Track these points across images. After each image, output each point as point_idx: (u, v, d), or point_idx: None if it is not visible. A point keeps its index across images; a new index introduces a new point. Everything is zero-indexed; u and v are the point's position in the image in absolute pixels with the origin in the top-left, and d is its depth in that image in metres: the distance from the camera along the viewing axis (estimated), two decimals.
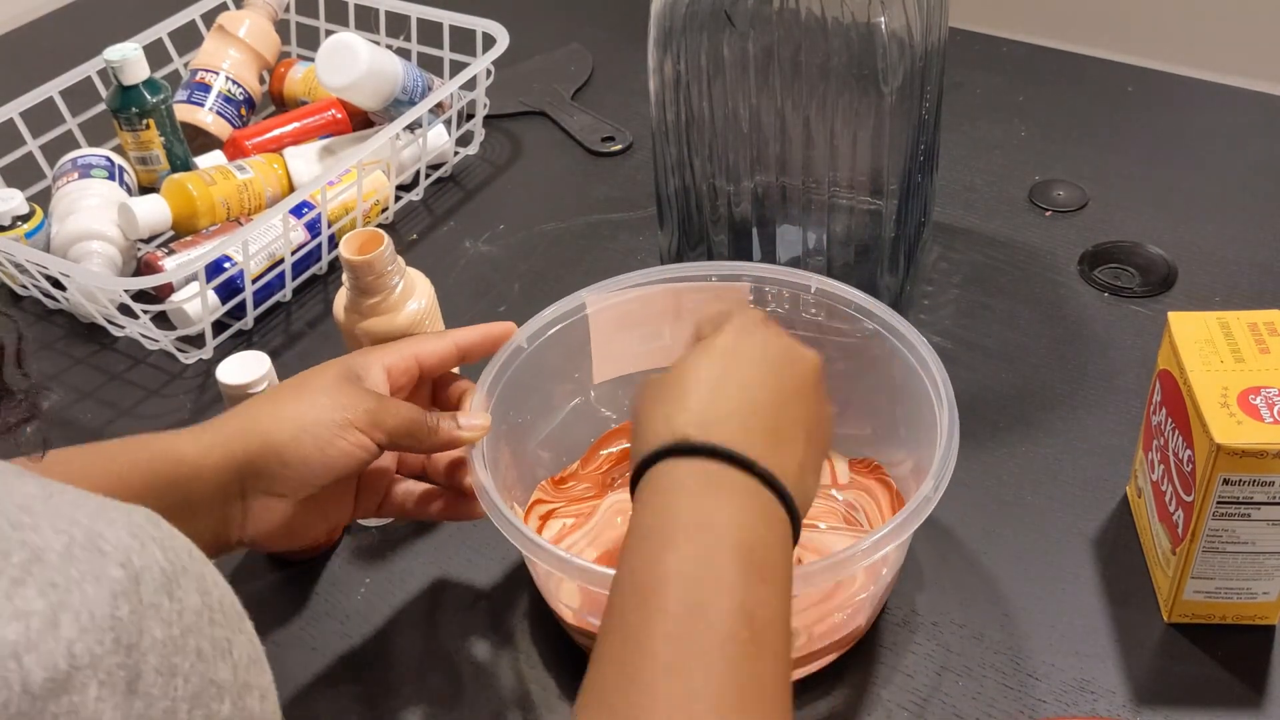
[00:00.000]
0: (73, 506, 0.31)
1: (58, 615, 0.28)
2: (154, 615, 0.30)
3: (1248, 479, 0.59)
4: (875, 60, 0.75)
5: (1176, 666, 0.65)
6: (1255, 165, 1.02)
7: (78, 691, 0.27)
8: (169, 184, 0.96)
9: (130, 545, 0.30)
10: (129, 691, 0.28)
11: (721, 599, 0.43)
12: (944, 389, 0.64)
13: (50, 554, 0.29)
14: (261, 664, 0.34)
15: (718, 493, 0.46)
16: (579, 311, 0.72)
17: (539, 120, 1.16)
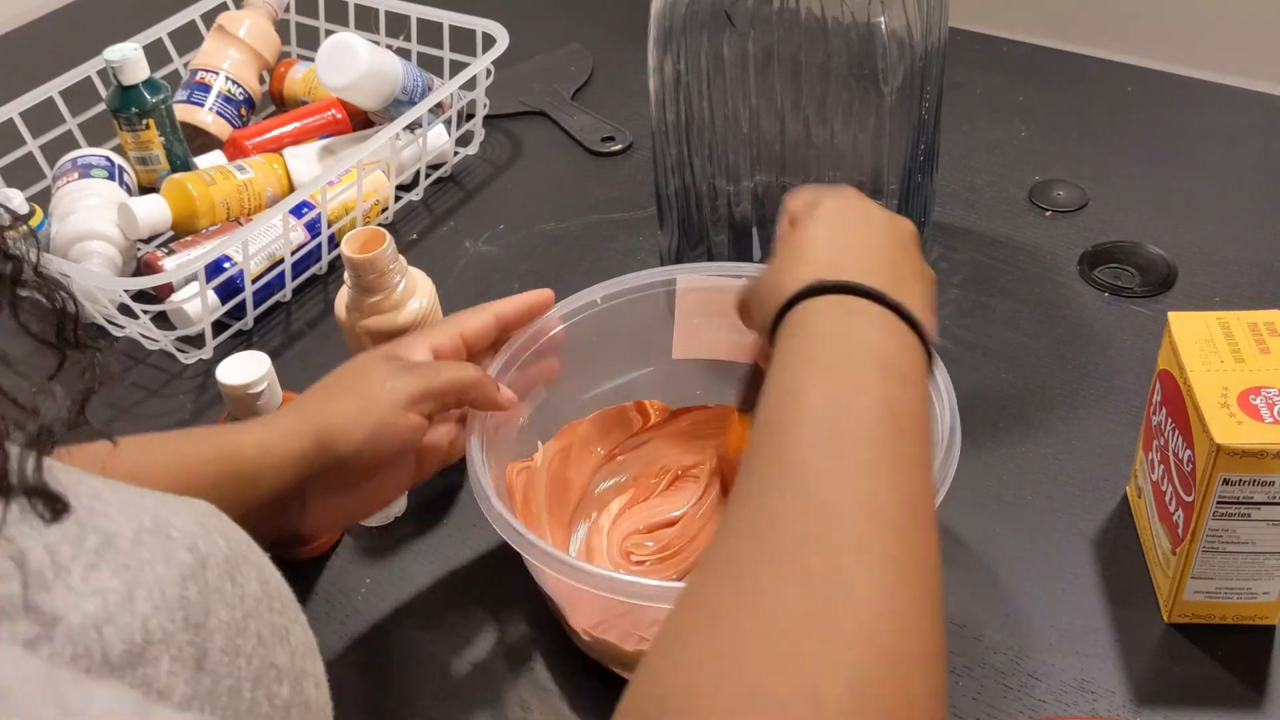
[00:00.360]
0: (139, 497, 0.32)
1: (133, 592, 0.29)
2: (219, 598, 0.31)
3: (1248, 479, 0.59)
4: (875, 60, 0.75)
5: (1176, 667, 0.65)
6: (1255, 165, 1.02)
7: (151, 664, 0.28)
8: (169, 184, 0.96)
9: (196, 532, 0.32)
10: (197, 668, 0.30)
11: (863, 396, 0.46)
12: (946, 392, 0.64)
13: (122, 539, 0.30)
14: (315, 654, 0.36)
15: (855, 317, 0.50)
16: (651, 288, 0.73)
17: (539, 120, 1.16)
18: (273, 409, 0.69)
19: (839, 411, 0.45)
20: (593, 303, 0.73)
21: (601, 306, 0.73)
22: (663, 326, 0.75)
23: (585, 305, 0.72)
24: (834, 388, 0.46)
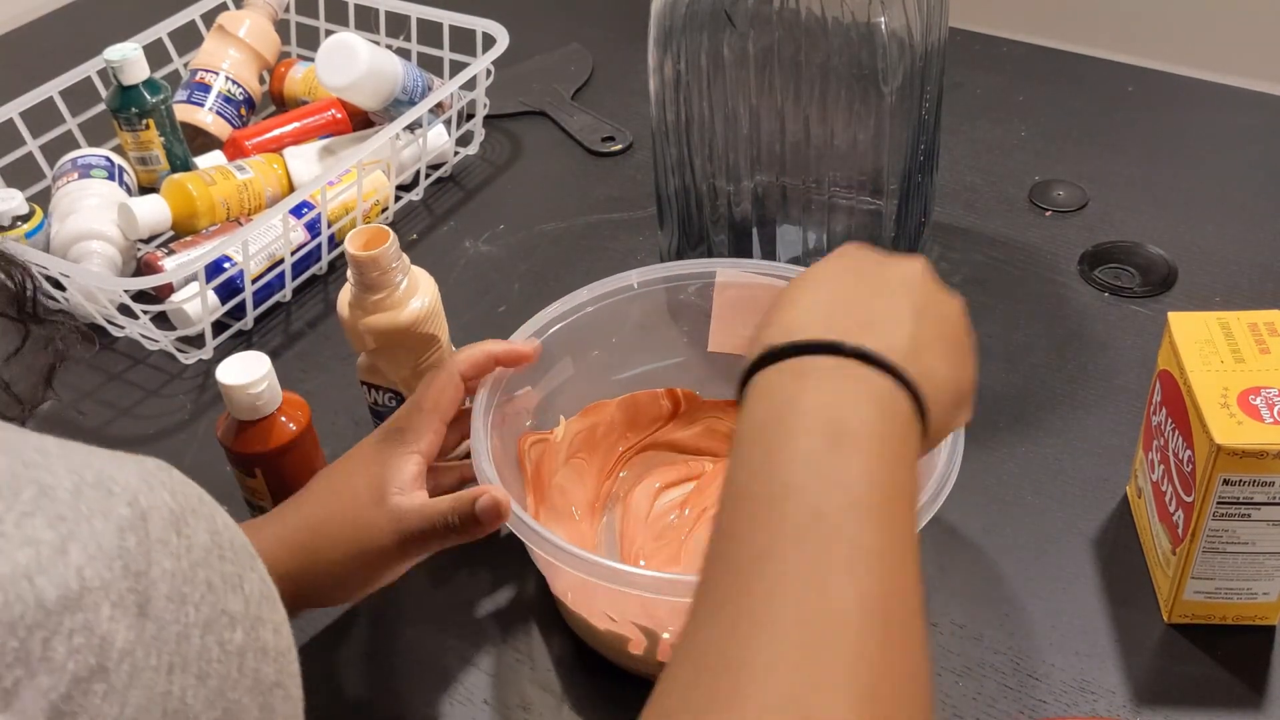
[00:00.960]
0: (87, 453, 0.32)
1: (66, 544, 0.29)
2: (162, 549, 0.31)
3: (1248, 479, 0.59)
4: (875, 60, 0.75)
5: (1176, 667, 0.65)
6: (1255, 165, 1.02)
7: (90, 610, 0.29)
8: (169, 184, 0.96)
9: (138, 487, 0.32)
10: (140, 614, 0.30)
11: (807, 475, 0.40)
12: None
13: (60, 491, 0.30)
14: (274, 601, 0.35)
15: (802, 384, 0.43)
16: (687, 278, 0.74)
17: (539, 120, 1.16)
18: (272, 409, 0.69)
19: (784, 505, 0.40)
20: (628, 287, 0.73)
21: (637, 291, 0.73)
22: (699, 318, 0.75)
23: (621, 289, 0.73)
24: (775, 475, 0.41)
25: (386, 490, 0.61)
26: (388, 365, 0.74)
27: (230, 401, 0.68)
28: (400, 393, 0.75)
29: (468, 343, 0.77)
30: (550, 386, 0.73)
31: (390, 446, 0.63)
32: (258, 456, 0.69)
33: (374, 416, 0.79)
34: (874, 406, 0.43)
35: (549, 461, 0.73)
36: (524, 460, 0.71)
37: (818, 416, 0.42)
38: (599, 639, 0.66)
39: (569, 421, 0.75)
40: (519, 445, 0.71)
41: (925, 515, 0.59)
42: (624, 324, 0.74)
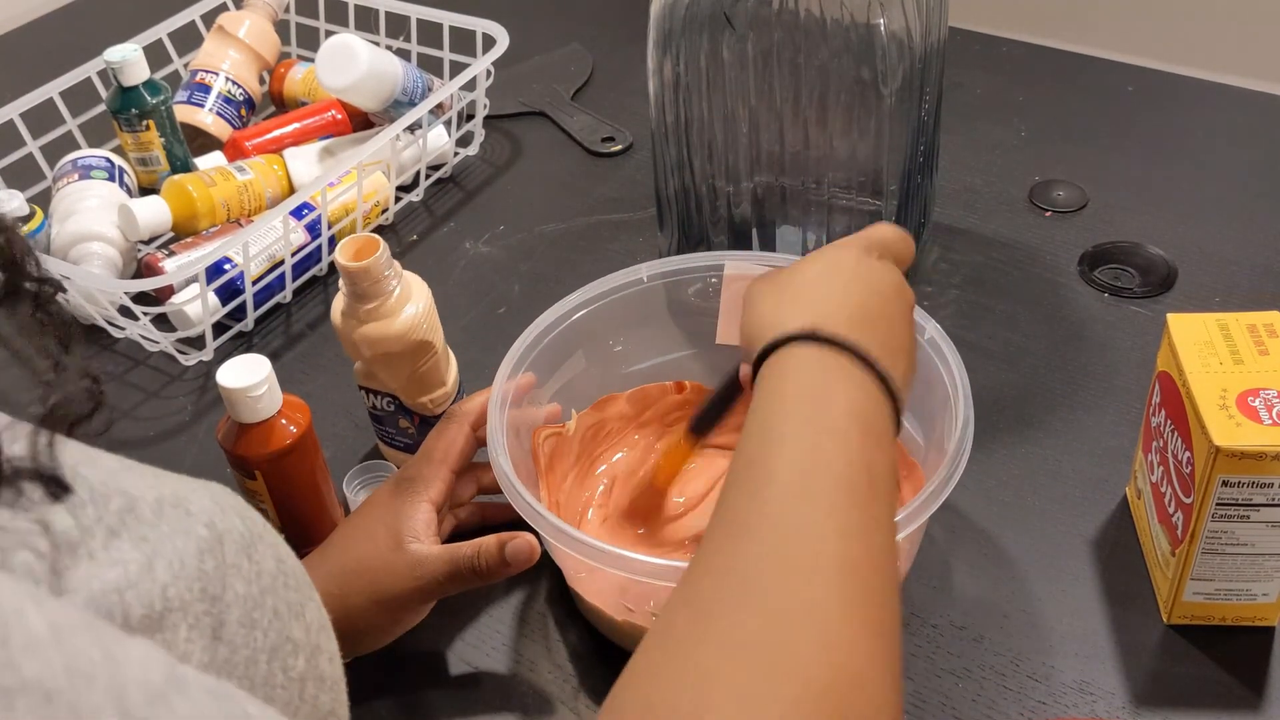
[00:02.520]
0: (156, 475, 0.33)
1: (153, 562, 0.30)
2: (235, 573, 0.32)
3: (1247, 481, 0.59)
4: (875, 61, 0.75)
5: (1176, 668, 0.65)
6: (1255, 165, 1.02)
7: (170, 630, 0.29)
8: (169, 185, 0.96)
9: (213, 509, 0.33)
10: (214, 637, 0.30)
11: (841, 449, 0.47)
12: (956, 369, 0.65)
13: (144, 506, 0.31)
14: (329, 631, 0.36)
15: (835, 373, 0.50)
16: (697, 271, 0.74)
17: (539, 120, 1.16)
18: (273, 412, 0.69)
19: (818, 465, 0.46)
20: (639, 280, 0.74)
21: (647, 285, 0.74)
22: (707, 310, 0.76)
23: (631, 282, 0.74)
24: (814, 441, 0.47)
25: (402, 538, 0.63)
26: (384, 372, 0.74)
27: (231, 404, 0.68)
28: (398, 397, 0.75)
29: (467, 344, 0.77)
30: (563, 380, 0.74)
31: (402, 496, 0.65)
32: (258, 459, 0.69)
33: (373, 420, 0.79)
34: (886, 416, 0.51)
35: (562, 455, 0.74)
36: (538, 454, 0.71)
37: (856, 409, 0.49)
38: (616, 630, 0.67)
39: (581, 415, 0.75)
40: (533, 439, 0.72)
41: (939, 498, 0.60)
42: (634, 317, 0.75)
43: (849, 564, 0.42)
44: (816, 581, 0.41)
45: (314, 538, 0.74)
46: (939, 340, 0.67)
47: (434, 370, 0.75)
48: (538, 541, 0.63)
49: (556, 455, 0.73)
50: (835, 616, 0.40)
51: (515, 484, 0.62)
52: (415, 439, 0.78)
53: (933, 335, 0.68)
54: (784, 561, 0.42)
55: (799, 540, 0.43)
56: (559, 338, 0.72)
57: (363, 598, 0.63)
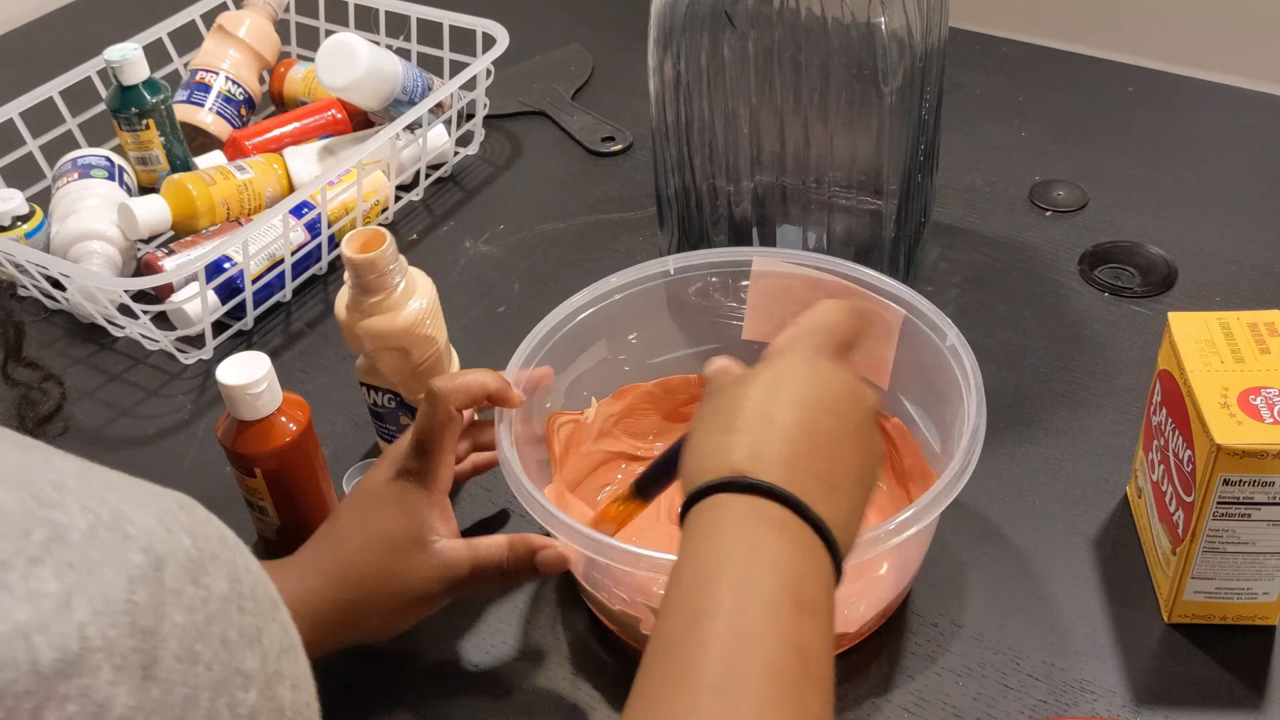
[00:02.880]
0: (104, 487, 0.30)
1: (71, 597, 0.27)
2: (175, 601, 0.29)
3: (1248, 479, 0.59)
4: (875, 60, 0.75)
5: (1176, 667, 0.65)
6: (1255, 165, 1.02)
7: (89, 674, 0.27)
8: (169, 184, 0.96)
9: (155, 530, 0.30)
10: (145, 676, 0.28)
11: (771, 628, 0.43)
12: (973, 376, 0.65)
13: (73, 533, 0.28)
14: (295, 653, 0.34)
15: (769, 529, 0.46)
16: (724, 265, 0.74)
17: (539, 120, 1.16)
18: (272, 409, 0.69)
19: (743, 652, 0.42)
20: (665, 272, 0.74)
21: (675, 278, 0.74)
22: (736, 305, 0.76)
23: (658, 274, 0.74)
24: (739, 622, 0.43)
25: (426, 538, 0.63)
26: (386, 367, 0.74)
27: (230, 402, 0.68)
28: (399, 394, 0.75)
29: (468, 343, 0.77)
30: (583, 368, 0.74)
31: (411, 494, 0.64)
32: (258, 457, 0.69)
33: (374, 418, 0.79)
34: (822, 576, 0.46)
35: (579, 441, 0.74)
36: (552, 440, 0.71)
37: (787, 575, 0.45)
38: (614, 618, 0.67)
39: (601, 403, 0.75)
40: (548, 425, 0.71)
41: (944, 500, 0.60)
42: (659, 309, 0.75)
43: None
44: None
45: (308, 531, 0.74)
46: (959, 349, 0.66)
47: (436, 366, 0.75)
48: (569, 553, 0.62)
49: (573, 442, 0.73)
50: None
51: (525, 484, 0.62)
52: None
53: (954, 343, 0.67)
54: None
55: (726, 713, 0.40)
56: (582, 325, 0.72)
57: (383, 600, 0.62)
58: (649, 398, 0.78)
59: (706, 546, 0.46)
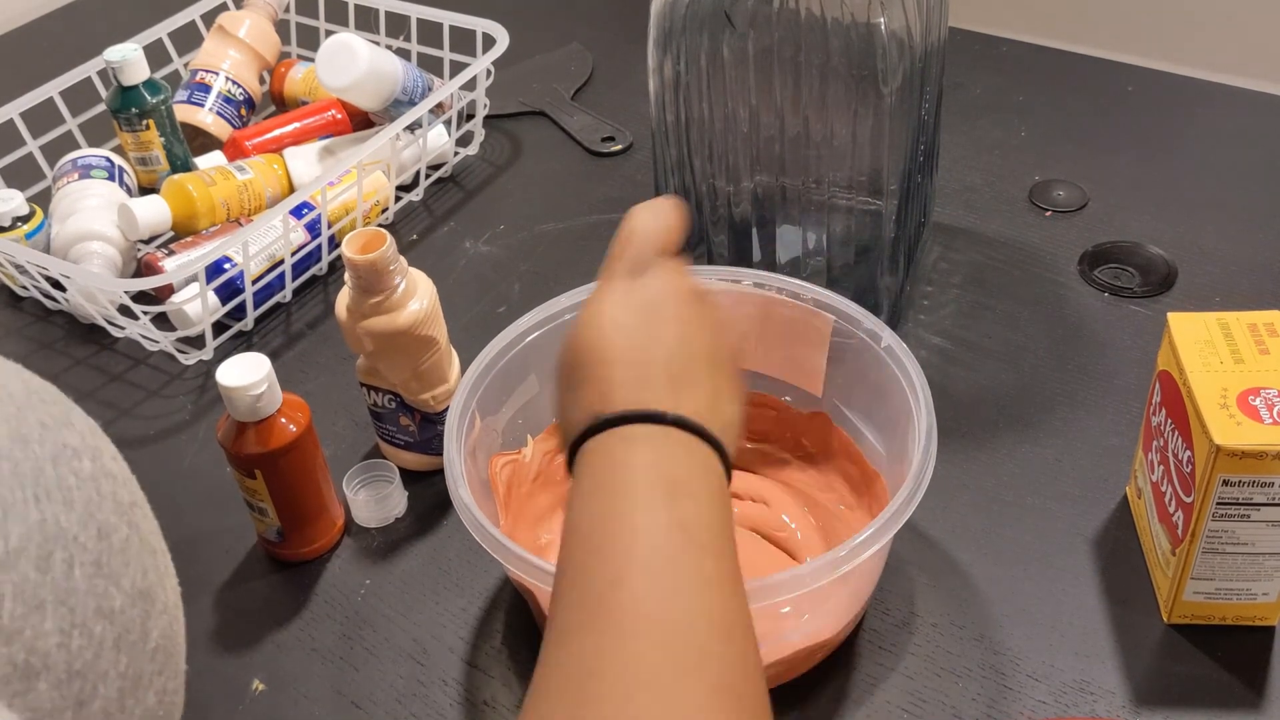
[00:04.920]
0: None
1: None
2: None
3: (1247, 480, 0.59)
4: (875, 60, 0.75)
5: (1176, 667, 0.65)
6: (1255, 165, 1.02)
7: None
8: (169, 185, 0.96)
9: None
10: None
11: (647, 516, 0.45)
12: (922, 394, 0.64)
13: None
14: (102, 435, 0.37)
15: (624, 445, 0.48)
16: None
17: (539, 120, 1.16)
18: (272, 410, 0.69)
19: (632, 542, 0.44)
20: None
21: None
22: None
23: (582, 302, 0.72)
24: (622, 518, 0.45)
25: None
26: (387, 367, 0.74)
27: (230, 403, 0.68)
28: (399, 394, 0.75)
29: (468, 343, 0.77)
30: (517, 405, 0.72)
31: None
32: (258, 458, 0.69)
33: (374, 418, 0.79)
34: (693, 461, 0.48)
35: (519, 481, 0.72)
36: (495, 482, 0.70)
37: (652, 472, 0.47)
38: None
39: (536, 440, 0.74)
40: (490, 467, 0.70)
41: (900, 519, 0.59)
42: None
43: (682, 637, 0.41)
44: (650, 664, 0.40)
45: (314, 537, 0.74)
46: (896, 349, 0.67)
47: (436, 367, 0.75)
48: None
49: (514, 482, 0.72)
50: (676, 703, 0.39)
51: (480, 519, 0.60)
52: (416, 437, 0.78)
53: (890, 344, 0.67)
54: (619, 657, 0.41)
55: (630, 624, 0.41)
56: (511, 363, 0.70)
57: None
58: None
59: (578, 490, 0.48)
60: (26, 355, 0.93)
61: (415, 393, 0.75)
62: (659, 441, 0.48)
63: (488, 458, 0.70)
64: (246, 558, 0.76)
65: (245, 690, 0.68)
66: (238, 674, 0.69)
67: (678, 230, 0.56)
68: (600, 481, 0.48)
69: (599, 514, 0.46)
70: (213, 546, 0.77)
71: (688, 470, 0.48)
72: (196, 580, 0.75)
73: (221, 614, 0.72)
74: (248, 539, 0.77)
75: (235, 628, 0.72)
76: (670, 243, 0.55)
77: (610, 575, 0.43)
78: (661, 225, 0.55)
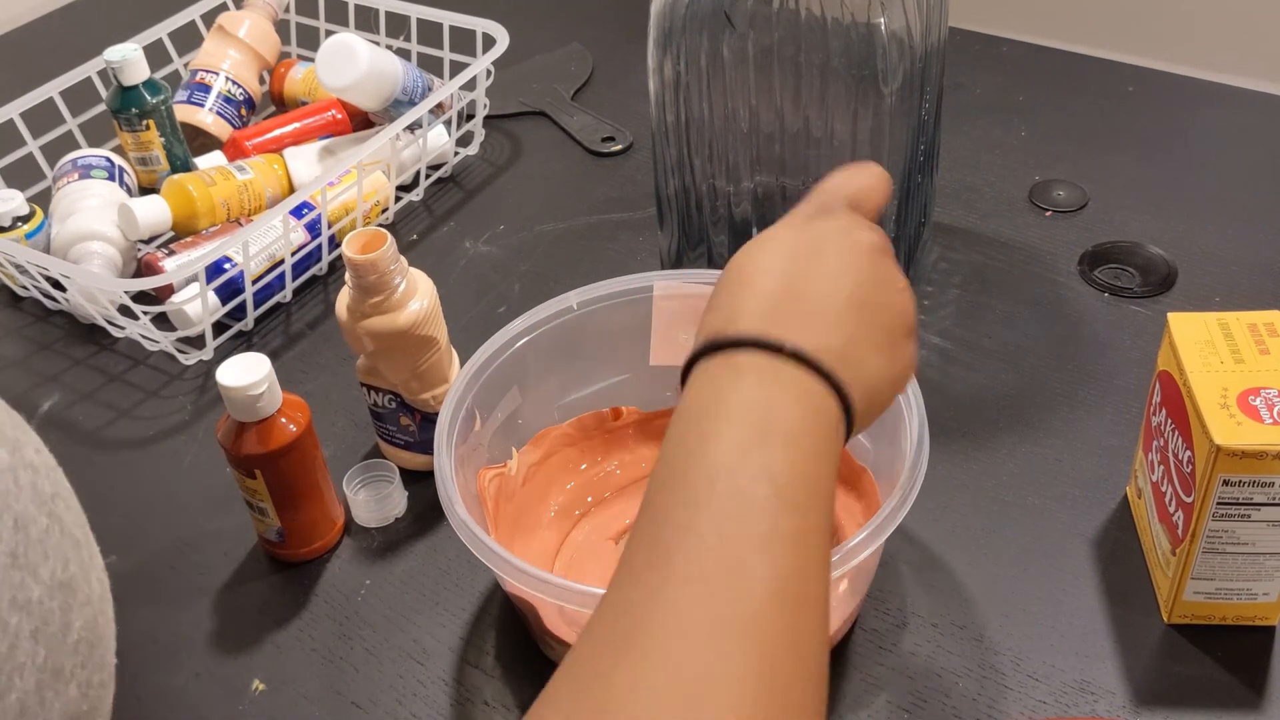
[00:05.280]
0: None
1: None
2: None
3: (1247, 480, 0.59)
4: (875, 60, 0.75)
5: (1176, 667, 0.65)
6: (1255, 165, 1.02)
7: None
8: (169, 185, 0.96)
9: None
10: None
11: (738, 458, 0.42)
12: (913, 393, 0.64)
13: None
14: (24, 426, 0.36)
15: (738, 378, 0.45)
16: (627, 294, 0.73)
17: (539, 120, 1.16)
18: (272, 411, 0.69)
19: (709, 486, 0.41)
20: (569, 308, 0.72)
21: (578, 312, 0.72)
22: (640, 333, 0.74)
23: (561, 311, 0.72)
24: (706, 457, 0.42)
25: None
26: (387, 367, 0.74)
27: (230, 403, 0.68)
28: (399, 394, 0.75)
29: (468, 343, 0.77)
30: (501, 418, 0.72)
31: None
32: (258, 458, 0.69)
33: (374, 418, 0.79)
34: (803, 405, 0.44)
35: (507, 495, 0.72)
36: (484, 495, 0.69)
37: (751, 410, 0.43)
38: None
39: (521, 452, 0.74)
40: (479, 481, 0.70)
41: (891, 524, 0.59)
42: (567, 346, 0.73)
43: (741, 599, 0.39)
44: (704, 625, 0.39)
45: (314, 537, 0.74)
46: None
47: (437, 367, 0.75)
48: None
49: (501, 495, 0.71)
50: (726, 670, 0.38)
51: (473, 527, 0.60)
52: (416, 437, 0.78)
53: None
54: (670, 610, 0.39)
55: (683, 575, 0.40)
56: (493, 375, 0.70)
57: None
58: (566, 439, 0.76)
59: (676, 416, 0.45)
60: (26, 355, 0.93)
61: (415, 393, 0.75)
62: (768, 377, 0.45)
63: (475, 471, 0.69)
64: (247, 558, 0.76)
65: (245, 690, 0.68)
66: (238, 674, 0.69)
67: (875, 190, 0.54)
68: (696, 411, 0.45)
69: (685, 448, 0.43)
70: (213, 547, 0.77)
71: (791, 414, 0.44)
72: (196, 580, 0.75)
73: (221, 614, 0.72)
74: (248, 539, 0.77)
75: (235, 628, 0.72)
76: (862, 199, 0.53)
77: (682, 520, 0.41)
78: (858, 182, 0.54)
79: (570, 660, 0.39)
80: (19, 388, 0.91)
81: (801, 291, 0.47)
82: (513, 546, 0.70)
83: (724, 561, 0.40)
